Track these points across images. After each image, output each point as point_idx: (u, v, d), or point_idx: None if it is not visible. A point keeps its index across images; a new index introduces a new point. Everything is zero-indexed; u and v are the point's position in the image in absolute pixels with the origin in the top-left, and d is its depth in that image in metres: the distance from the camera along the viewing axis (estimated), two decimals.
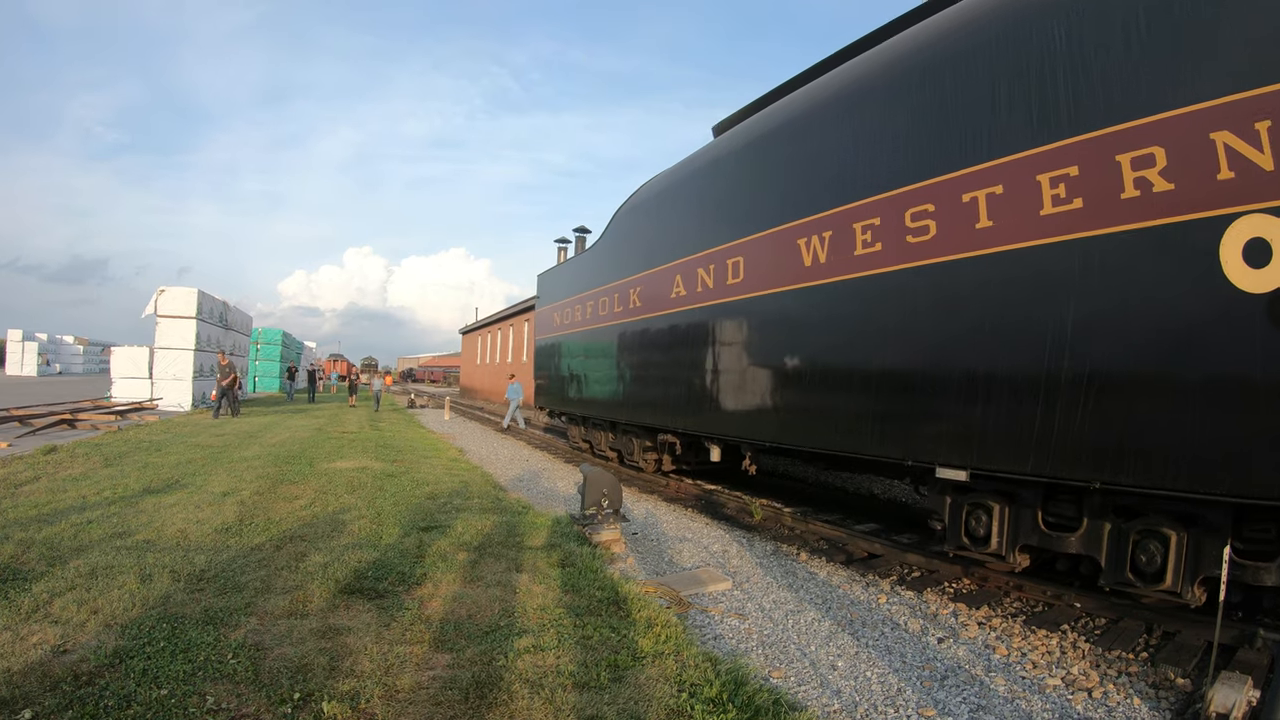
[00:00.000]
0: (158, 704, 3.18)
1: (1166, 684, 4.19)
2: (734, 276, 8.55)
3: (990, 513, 5.76)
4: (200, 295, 22.35)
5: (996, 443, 5.30)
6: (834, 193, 6.94)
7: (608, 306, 12.75)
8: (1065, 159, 4.89)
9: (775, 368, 7.86)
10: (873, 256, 6.42)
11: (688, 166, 10.50)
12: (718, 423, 9.06)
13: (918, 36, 6.47)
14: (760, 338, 8.14)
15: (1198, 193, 4.18)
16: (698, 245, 9.48)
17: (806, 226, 7.28)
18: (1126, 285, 4.53)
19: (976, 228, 5.44)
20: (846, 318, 6.79)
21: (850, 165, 6.81)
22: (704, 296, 9.27)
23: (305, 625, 4.23)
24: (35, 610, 4.22)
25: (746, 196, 8.59)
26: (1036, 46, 5.16)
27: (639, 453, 12.20)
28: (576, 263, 15.43)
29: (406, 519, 7.28)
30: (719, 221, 9.06)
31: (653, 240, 11.05)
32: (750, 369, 8.31)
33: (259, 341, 38.54)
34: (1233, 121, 4.05)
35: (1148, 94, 4.46)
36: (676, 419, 10.19)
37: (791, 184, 7.72)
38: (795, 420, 7.59)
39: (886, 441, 6.34)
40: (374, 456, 12.56)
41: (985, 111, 5.50)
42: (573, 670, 3.77)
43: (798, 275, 7.36)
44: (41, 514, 6.71)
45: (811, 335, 7.31)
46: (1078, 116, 4.84)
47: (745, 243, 8.37)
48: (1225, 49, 4.15)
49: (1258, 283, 3.93)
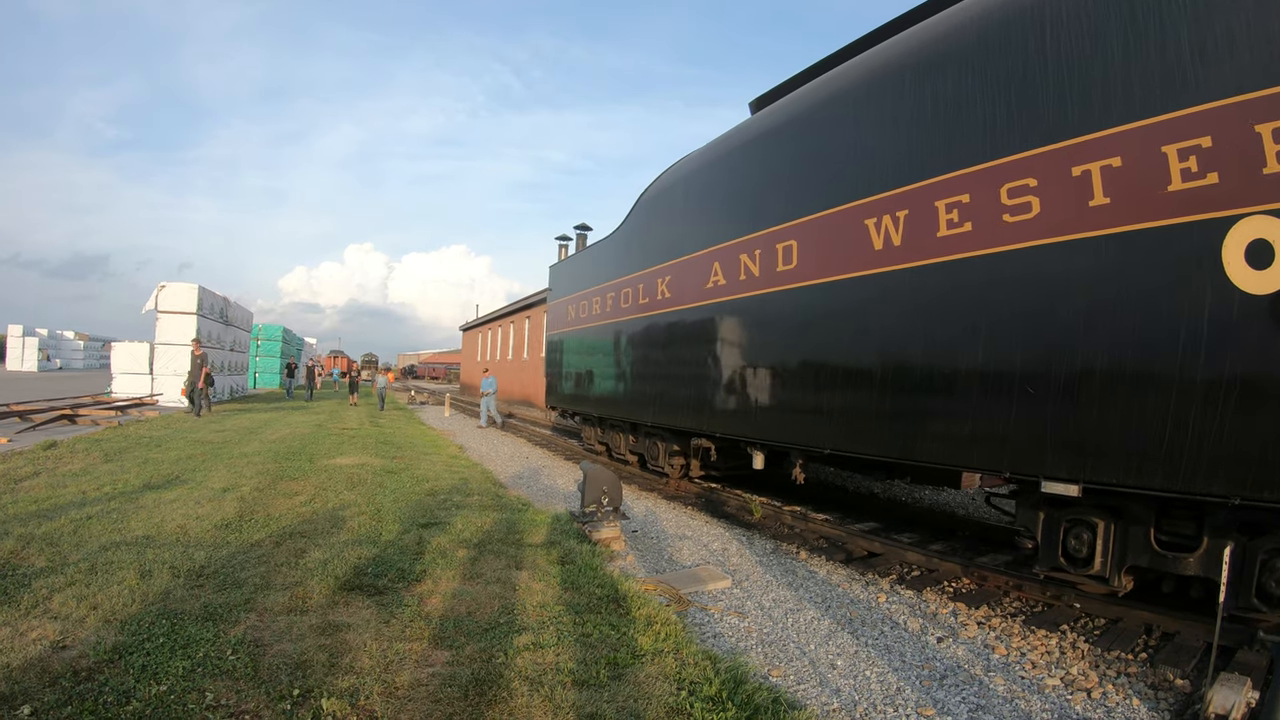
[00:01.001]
0: (157, 700, 3.18)
1: (1165, 685, 4.19)
2: (785, 262, 7.63)
3: (1094, 530, 5.13)
4: (201, 291, 22.33)
5: (1118, 453, 4.61)
6: (908, 167, 6.17)
7: (630, 298, 11.72)
8: (1198, 127, 4.23)
9: (837, 364, 6.99)
10: (959, 239, 5.63)
11: (723, 146, 9.53)
12: (764, 426, 8.15)
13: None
14: (819, 330, 7.23)
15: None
16: (740, 229, 8.54)
17: (876, 205, 6.43)
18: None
19: (1090, 205, 4.75)
20: (926, 309, 5.97)
21: (927, 135, 6.03)
22: (748, 285, 8.30)
23: (305, 622, 4.23)
24: (35, 606, 4.23)
25: (800, 174, 7.65)
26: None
27: (664, 457, 11.13)
28: (594, 253, 14.24)
29: (406, 515, 7.28)
30: (765, 203, 8.13)
31: (684, 226, 10.13)
32: (805, 366, 7.45)
33: (259, 338, 38.53)
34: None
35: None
36: (713, 421, 9.14)
37: (856, 158, 6.81)
38: (863, 425, 6.68)
39: (978, 450, 5.53)
40: (374, 453, 12.57)
41: (1108, 69, 4.74)
42: (572, 668, 3.77)
43: (866, 260, 6.51)
44: (41, 509, 6.71)
45: (883, 328, 6.43)
46: (1211, 80, 4.22)
47: (800, 225, 7.45)
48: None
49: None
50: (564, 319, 15.55)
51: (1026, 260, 5.15)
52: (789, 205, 7.67)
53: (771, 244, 7.88)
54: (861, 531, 7.84)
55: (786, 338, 7.75)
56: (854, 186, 6.74)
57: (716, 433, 9.11)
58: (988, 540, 7.60)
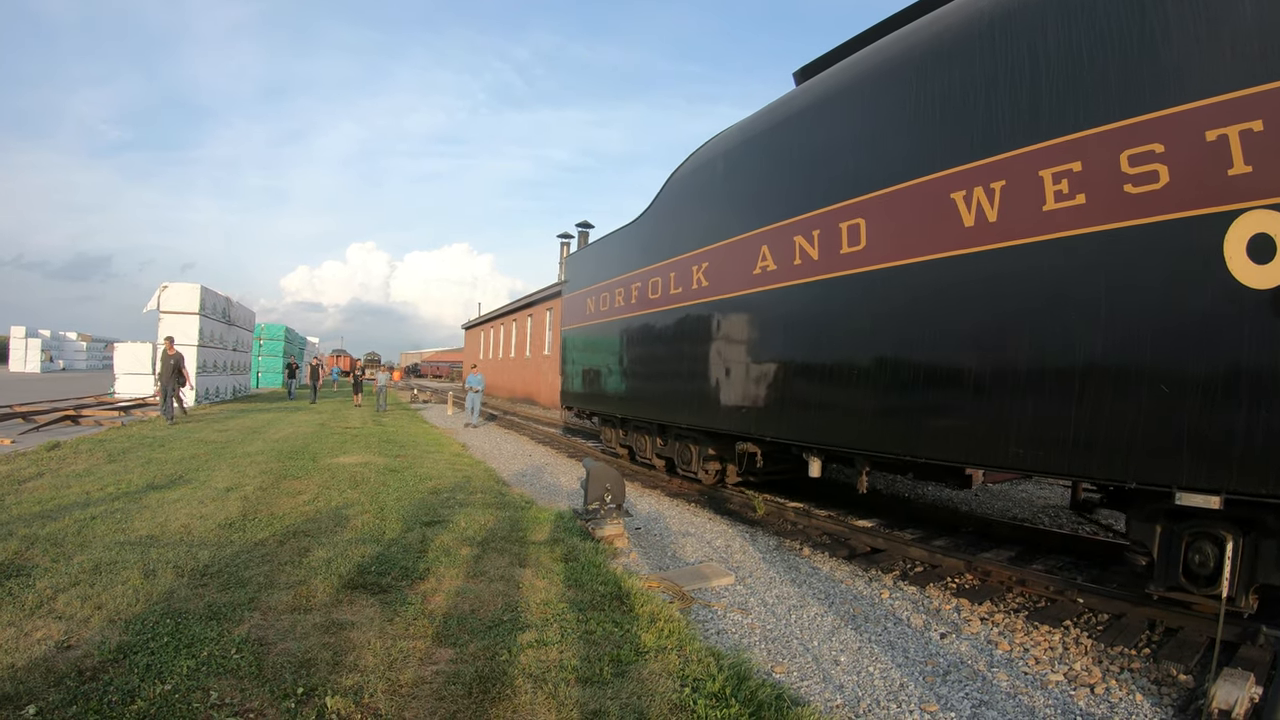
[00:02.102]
0: (162, 699, 3.19)
1: (1169, 680, 4.19)
2: (851, 243, 6.72)
3: (1221, 545, 4.57)
4: (203, 291, 22.34)
5: (1269, 459, 4.02)
6: (1003, 133, 5.40)
7: (660, 288, 10.72)
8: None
9: (917, 359, 6.14)
10: (1071, 213, 4.92)
11: (766, 120, 8.56)
12: (826, 430, 7.27)
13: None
14: (897, 320, 6.32)
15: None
16: (793, 208, 7.58)
17: (965, 176, 5.65)
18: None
19: (1229, 174, 4.14)
20: (1026, 295, 5.23)
21: (1028, 96, 5.29)
22: (807, 270, 7.34)
23: (309, 620, 4.25)
24: (39, 606, 4.24)
25: (865, 144, 6.76)
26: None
27: (698, 462, 10.29)
28: (616, 241, 13.06)
29: (409, 514, 7.29)
30: (824, 178, 7.19)
31: (724, 208, 9.10)
32: (879, 362, 6.52)
33: (262, 337, 38.57)
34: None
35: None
36: (762, 424, 8.13)
37: (935, 123, 6.02)
38: (949, 429, 5.89)
39: (1096, 458, 4.80)
40: (377, 452, 12.59)
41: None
42: (576, 665, 3.78)
43: (955, 239, 5.71)
44: (45, 510, 6.73)
45: (972, 316, 5.65)
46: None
47: (868, 201, 6.57)
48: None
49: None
50: (581, 312, 14.62)
51: (1151, 237, 4.49)
52: (854, 179, 6.79)
53: (834, 223, 6.95)
54: (864, 528, 7.83)
55: (853, 329, 6.83)
56: (939, 155, 5.92)
57: (766, 436, 8.12)
58: (990, 536, 7.60)
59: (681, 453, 10.81)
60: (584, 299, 14.46)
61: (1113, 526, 7.61)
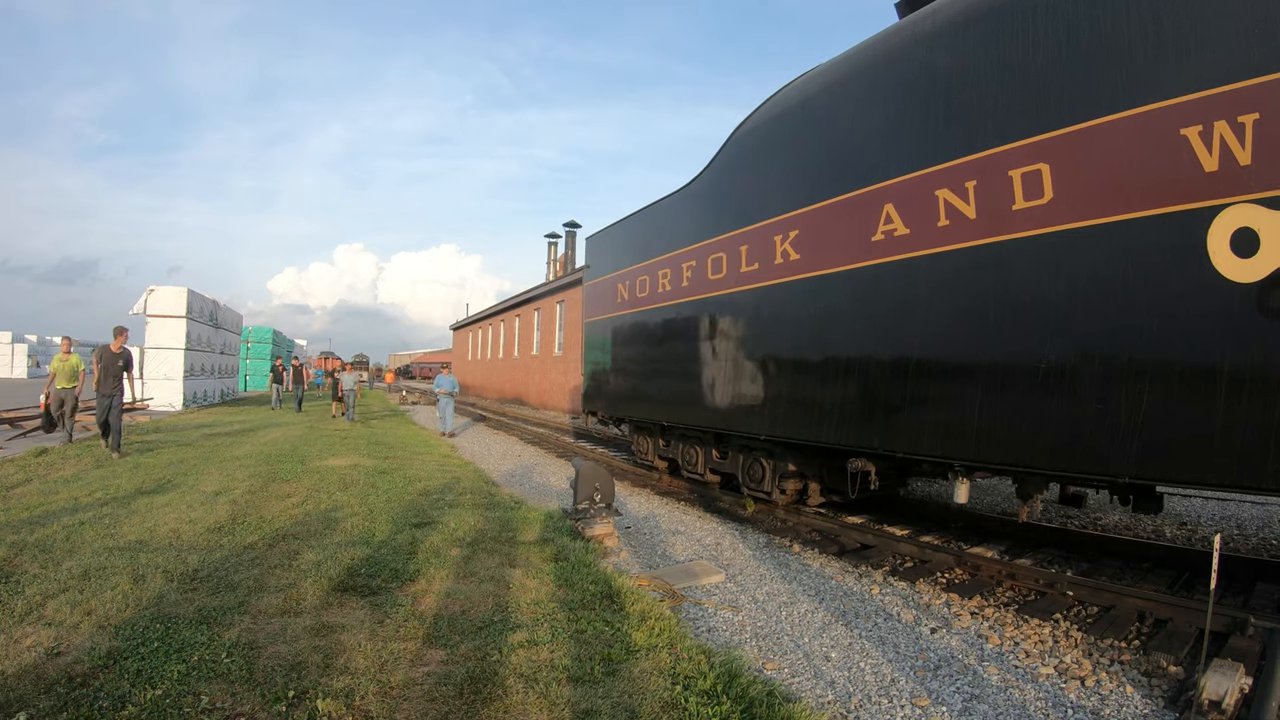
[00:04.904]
0: (152, 704, 3.17)
1: (1159, 672, 4.23)
2: (1030, 196, 5.10)
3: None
4: (190, 294, 22.22)
5: None
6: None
7: (727, 266, 8.72)
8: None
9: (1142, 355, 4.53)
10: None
11: (870, 52, 6.84)
12: (999, 443, 5.39)
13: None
14: (1107, 299, 4.69)
15: None
16: (936, 154, 5.87)
17: (1209, 104, 4.18)
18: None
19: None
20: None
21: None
22: (958, 232, 5.66)
23: (299, 623, 4.23)
24: (29, 613, 4.21)
25: (1041, 71, 5.11)
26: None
27: (772, 480, 8.52)
28: (658, 212, 10.85)
29: (399, 515, 7.27)
30: (984, 113, 5.51)
31: (824, 161, 7.20)
32: (1083, 355, 4.84)
33: (249, 340, 38.40)
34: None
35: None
36: (892, 436, 6.31)
37: (1156, 37, 4.49)
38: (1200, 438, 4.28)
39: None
40: (366, 454, 12.55)
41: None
42: (567, 664, 3.78)
43: (1190, 188, 4.25)
44: (34, 516, 6.68)
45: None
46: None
47: (1051, 140, 5.00)
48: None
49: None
50: (610, 301, 12.36)
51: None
52: (1034, 114, 5.17)
53: (1000, 171, 5.34)
54: (854, 524, 7.86)
55: (1043, 311, 5.10)
56: (1165, 81, 4.44)
57: (898, 451, 6.25)
58: (979, 531, 7.64)
59: (749, 468, 8.97)
60: (612, 285, 12.27)
61: (1100, 519, 7.66)
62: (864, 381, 6.60)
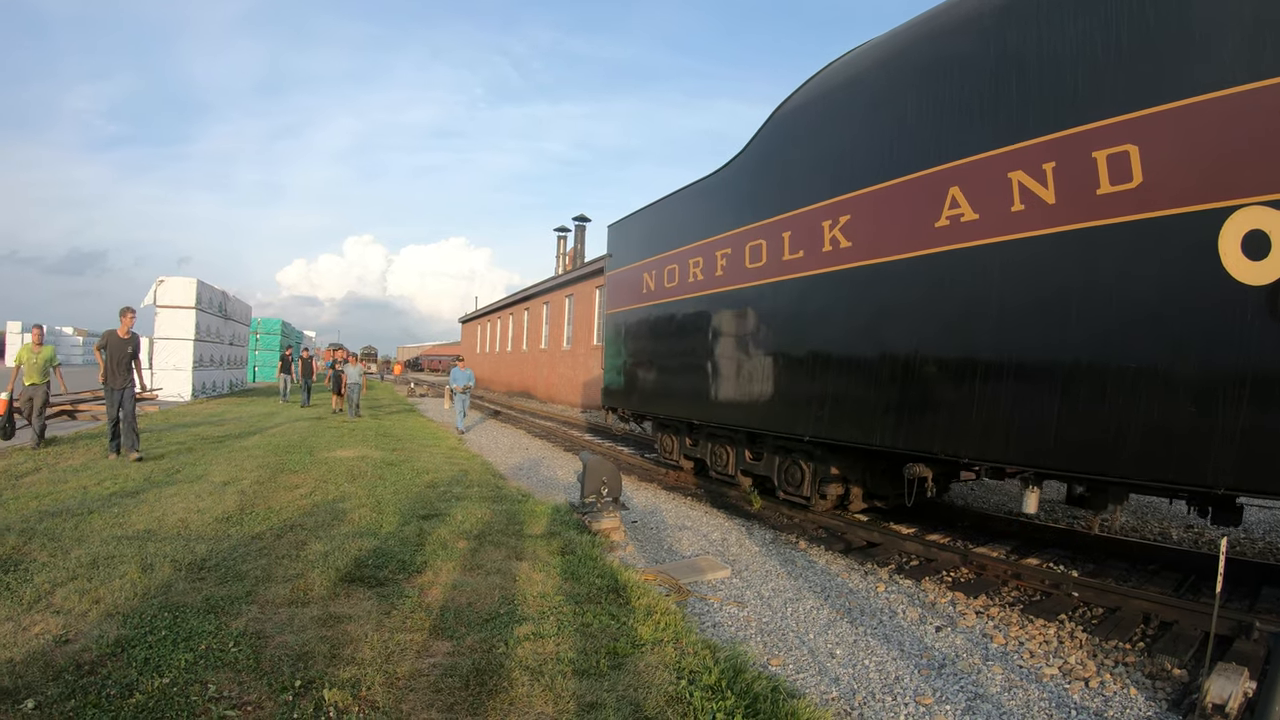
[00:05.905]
0: (160, 693, 3.19)
1: (1163, 674, 4.21)
2: (1117, 179, 4.63)
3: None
4: (199, 285, 22.29)
5: None
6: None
7: (768, 254, 8.15)
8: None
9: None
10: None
11: (930, 24, 6.30)
12: (1089, 451, 4.88)
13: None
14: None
15: None
16: (1009, 133, 5.37)
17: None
18: None
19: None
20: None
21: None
22: (1033, 219, 5.17)
23: (306, 613, 4.25)
24: (37, 600, 4.24)
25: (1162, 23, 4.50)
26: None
27: (811, 484, 8.10)
28: (689, 197, 10.25)
29: (406, 507, 7.29)
30: (1063, 86, 5.01)
31: (878, 141, 6.68)
32: (1175, 354, 4.43)
33: (258, 331, 38.54)
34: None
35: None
36: (958, 440, 5.80)
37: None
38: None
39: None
40: (374, 445, 12.59)
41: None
42: (572, 657, 3.79)
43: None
44: (43, 505, 6.72)
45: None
46: None
47: (1154, 116, 4.48)
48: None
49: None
50: (635, 292, 11.70)
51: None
52: (1125, 87, 4.66)
53: (1084, 151, 4.83)
54: (860, 522, 7.85)
55: (1131, 305, 4.63)
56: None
57: (962, 457, 5.85)
58: (985, 530, 7.62)
59: (787, 470, 8.55)
60: (637, 275, 11.57)
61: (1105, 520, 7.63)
62: (924, 380, 6.13)
